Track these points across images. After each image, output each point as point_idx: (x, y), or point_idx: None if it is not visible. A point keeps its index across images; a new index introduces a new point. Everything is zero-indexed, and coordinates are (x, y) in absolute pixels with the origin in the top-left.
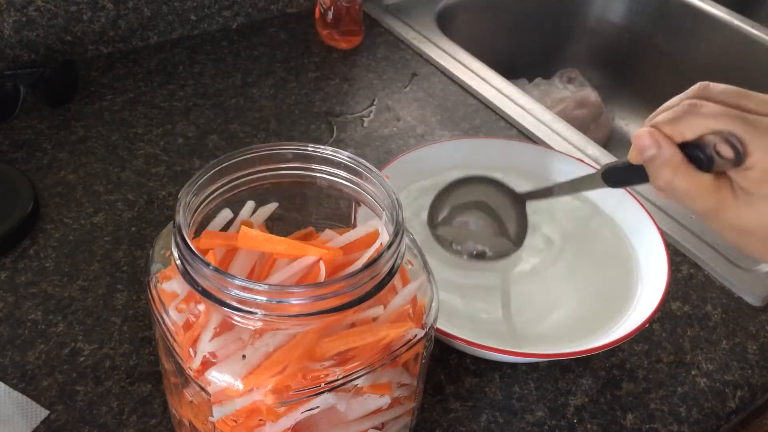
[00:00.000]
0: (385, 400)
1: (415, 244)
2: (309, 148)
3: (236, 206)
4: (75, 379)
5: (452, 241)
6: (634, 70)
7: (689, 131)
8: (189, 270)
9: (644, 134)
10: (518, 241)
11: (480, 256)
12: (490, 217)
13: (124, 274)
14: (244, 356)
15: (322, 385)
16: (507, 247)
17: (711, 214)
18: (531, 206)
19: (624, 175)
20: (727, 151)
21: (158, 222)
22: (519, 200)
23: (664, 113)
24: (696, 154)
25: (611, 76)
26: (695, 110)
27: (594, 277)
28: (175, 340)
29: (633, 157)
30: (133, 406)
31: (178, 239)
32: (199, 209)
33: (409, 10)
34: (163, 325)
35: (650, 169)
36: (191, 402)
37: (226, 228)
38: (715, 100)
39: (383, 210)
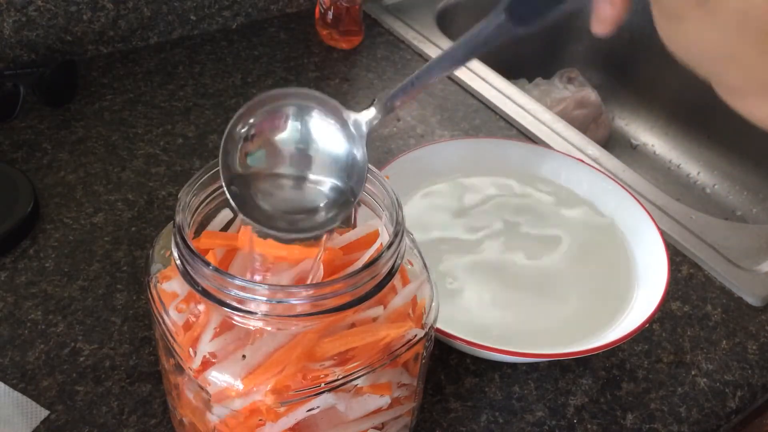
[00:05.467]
0: (385, 400)
1: (415, 244)
2: None
3: None
4: (75, 379)
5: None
6: (634, 70)
7: None
8: (189, 270)
9: None
10: (354, 191)
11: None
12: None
13: (124, 274)
14: (244, 356)
15: (322, 385)
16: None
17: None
18: (532, 207)
19: None
20: None
21: (158, 222)
22: (347, 126)
23: None
24: None
25: (611, 76)
26: None
27: (594, 277)
28: (175, 340)
29: None
30: (133, 406)
31: (178, 239)
32: (199, 209)
33: (409, 10)
34: (163, 325)
35: None
36: (191, 402)
37: (226, 228)
38: None
39: (383, 210)
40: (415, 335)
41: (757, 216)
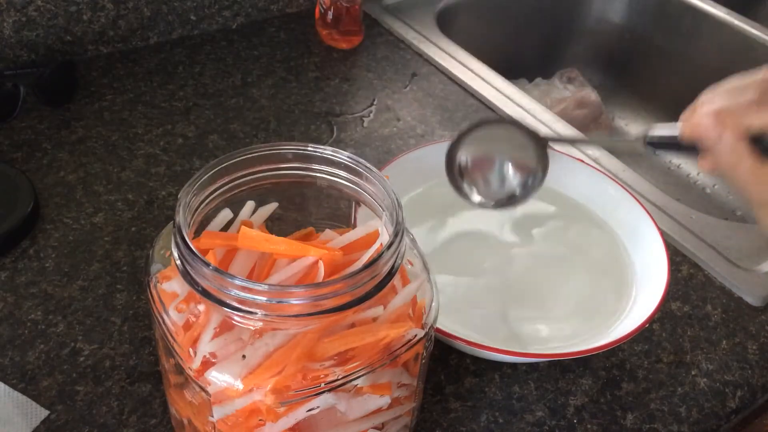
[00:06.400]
0: (385, 400)
1: (415, 244)
2: (309, 148)
3: (236, 206)
4: (75, 379)
5: (475, 189)
6: (634, 70)
7: (757, 121)
8: (189, 270)
9: (708, 123)
10: (539, 182)
11: (509, 200)
12: (511, 161)
13: (124, 274)
14: (243, 356)
15: (322, 385)
16: (527, 189)
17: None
18: (532, 207)
19: (671, 145)
20: None
21: (158, 222)
22: (540, 143)
23: (725, 101)
24: (761, 142)
25: (611, 76)
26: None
27: (594, 277)
28: (175, 340)
29: (687, 135)
30: (133, 406)
31: (178, 239)
32: (199, 209)
33: (409, 10)
34: (163, 325)
35: (708, 152)
36: (191, 402)
37: (226, 228)
38: None
39: (383, 210)
40: (415, 335)
41: None
